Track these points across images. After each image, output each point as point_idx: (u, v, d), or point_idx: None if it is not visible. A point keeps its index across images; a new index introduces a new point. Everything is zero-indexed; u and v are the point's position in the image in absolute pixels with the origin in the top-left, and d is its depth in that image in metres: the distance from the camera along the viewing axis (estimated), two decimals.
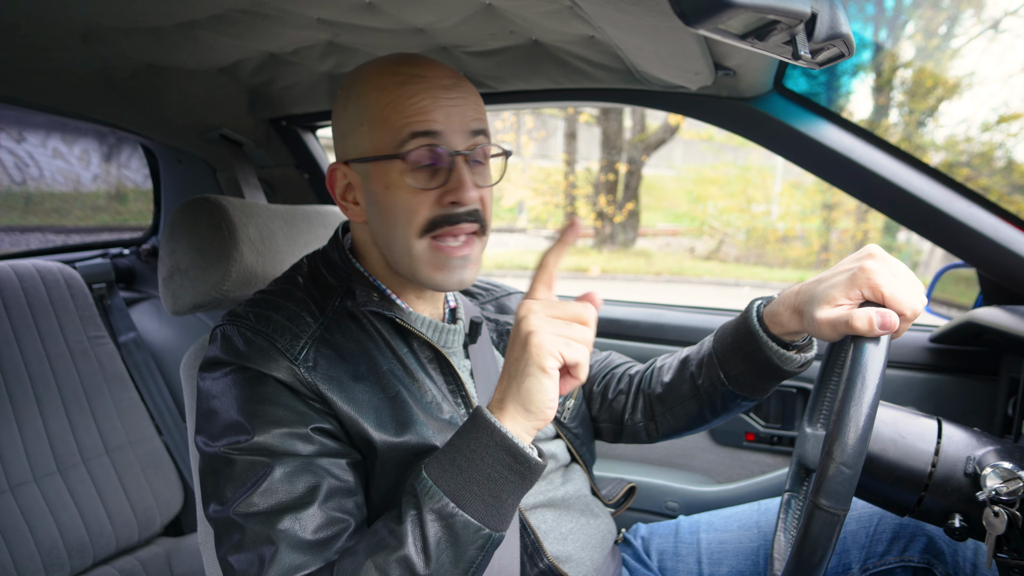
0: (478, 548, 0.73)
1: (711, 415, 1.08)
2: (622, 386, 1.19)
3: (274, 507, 0.76)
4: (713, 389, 1.03)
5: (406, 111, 0.85)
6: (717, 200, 11.84)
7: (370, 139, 0.88)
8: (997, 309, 1.24)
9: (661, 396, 1.12)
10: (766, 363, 0.96)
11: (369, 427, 0.84)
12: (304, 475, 0.79)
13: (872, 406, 0.69)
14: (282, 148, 1.76)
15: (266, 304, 0.89)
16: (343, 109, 0.92)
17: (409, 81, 0.86)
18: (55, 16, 0.99)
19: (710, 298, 8.95)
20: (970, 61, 9.64)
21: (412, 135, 0.85)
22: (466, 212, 0.87)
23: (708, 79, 1.18)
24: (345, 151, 0.93)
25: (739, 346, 0.98)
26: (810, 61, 0.69)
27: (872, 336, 0.74)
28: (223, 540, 0.78)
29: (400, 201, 0.87)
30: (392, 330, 0.93)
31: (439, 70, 0.89)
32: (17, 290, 1.66)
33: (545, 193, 12.91)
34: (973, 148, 8.79)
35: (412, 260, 0.89)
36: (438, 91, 0.86)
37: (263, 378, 0.82)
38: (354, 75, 0.92)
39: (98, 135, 2.52)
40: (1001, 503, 0.72)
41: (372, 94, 0.87)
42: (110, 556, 1.65)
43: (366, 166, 0.89)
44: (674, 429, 1.14)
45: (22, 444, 1.56)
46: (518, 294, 1.27)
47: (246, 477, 0.78)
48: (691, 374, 1.07)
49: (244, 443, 0.79)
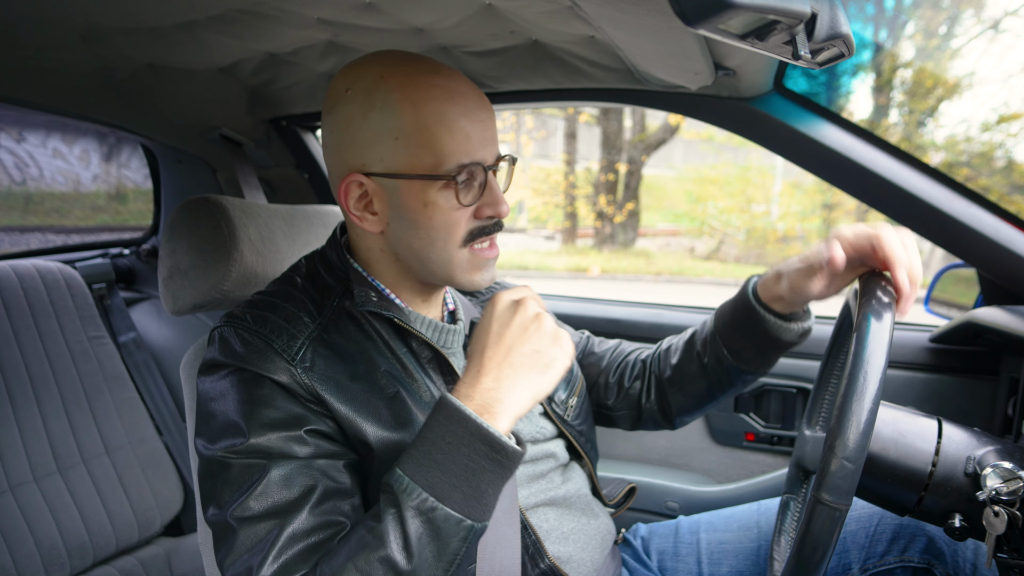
0: (460, 540, 0.73)
1: (719, 391, 1.11)
2: (636, 372, 1.21)
3: (269, 510, 0.76)
4: (719, 366, 1.07)
5: (455, 136, 0.84)
6: (717, 200, 11.85)
7: (405, 155, 0.85)
8: (997, 309, 1.24)
9: (671, 378, 1.15)
10: (765, 335, 1.01)
11: (367, 427, 0.83)
12: (300, 478, 0.78)
13: (874, 401, 0.69)
14: (282, 148, 1.76)
15: (263, 305, 0.89)
16: (361, 117, 0.86)
17: (449, 99, 0.84)
18: (55, 16, 0.99)
19: (710, 298, 8.95)
20: (970, 61, 9.65)
21: (459, 165, 0.85)
22: (496, 223, 0.91)
23: (708, 79, 1.18)
24: (366, 162, 0.88)
25: (738, 322, 1.03)
26: (810, 61, 0.69)
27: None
28: (220, 544, 0.78)
29: (439, 218, 0.87)
30: (391, 330, 0.93)
31: (463, 82, 0.88)
32: (17, 290, 1.66)
33: (545, 193, 12.91)
34: (973, 148, 8.80)
35: (452, 268, 0.91)
36: (473, 112, 0.86)
37: (260, 380, 0.82)
38: (370, 80, 0.86)
39: (98, 135, 2.52)
40: (1001, 503, 0.73)
41: (406, 106, 0.84)
42: (110, 556, 1.65)
43: (396, 181, 0.87)
44: (686, 408, 1.16)
45: (22, 444, 1.56)
46: None
47: (242, 480, 0.78)
48: (697, 353, 1.11)
49: (240, 446, 0.79)
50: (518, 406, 0.77)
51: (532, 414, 1.06)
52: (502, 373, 0.78)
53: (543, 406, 1.08)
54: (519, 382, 0.77)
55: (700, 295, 9.17)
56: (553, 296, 2.00)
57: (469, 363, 0.81)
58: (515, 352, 0.79)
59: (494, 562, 0.87)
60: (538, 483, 1.01)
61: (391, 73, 0.86)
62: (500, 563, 0.88)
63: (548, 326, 0.81)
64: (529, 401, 0.78)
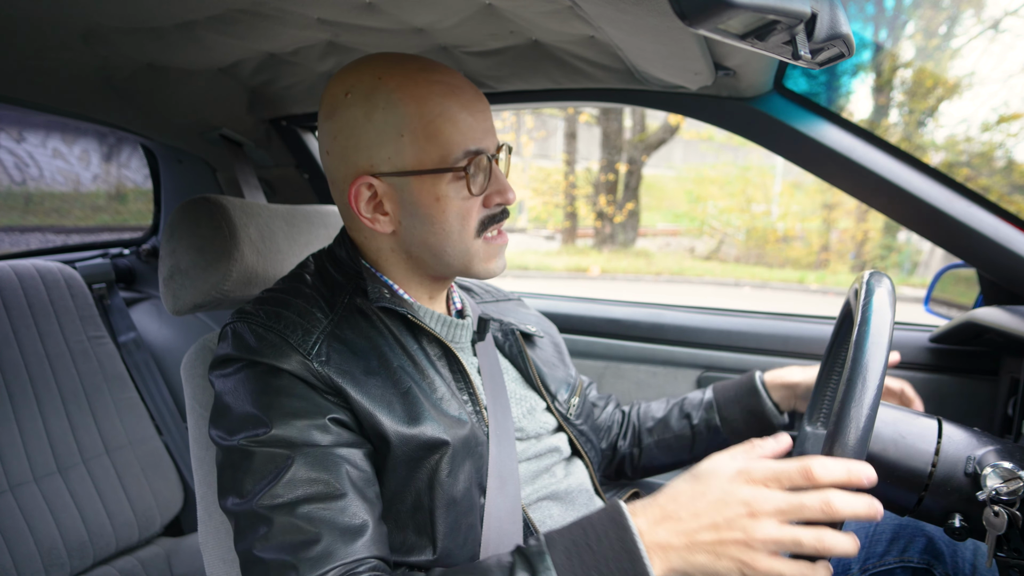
0: None
1: (691, 451, 1.24)
2: (617, 418, 1.32)
3: (300, 498, 0.77)
4: (706, 429, 1.23)
5: (459, 126, 0.87)
6: (717, 200, 11.85)
7: (413, 151, 0.86)
8: (997, 309, 1.24)
9: (651, 428, 1.27)
10: (761, 415, 1.18)
11: (384, 421, 0.84)
12: (325, 465, 0.79)
13: (872, 407, 0.69)
14: (282, 148, 1.76)
15: (276, 301, 0.89)
16: (366, 117, 0.86)
17: (449, 93, 0.87)
18: (55, 16, 0.99)
19: (710, 298, 8.96)
20: (970, 61, 9.65)
21: (466, 153, 0.87)
22: (504, 211, 0.95)
23: (708, 79, 1.18)
24: (374, 163, 0.88)
25: (740, 399, 1.21)
26: (810, 61, 0.69)
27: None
28: (246, 533, 0.78)
29: (453, 210, 0.89)
30: (402, 326, 0.93)
31: (460, 78, 0.91)
32: (17, 290, 1.66)
33: (545, 193, 12.92)
34: (973, 148, 8.80)
35: (469, 259, 0.93)
36: (473, 105, 0.89)
37: (276, 371, 0.83)
38: (369, 82, 0.87)
39: (98, 135, 2.52)
40: (1001, 503, 0.73)
41: (410, 103, 0.85)
42: (110, 556, 1.65)
43: (406, 179, 0.88)
44: (653, 458, 1.28)
45: (22, 444, 1.56)
46: (518, 300, 1.28)
47: (267, 470, 0.78)
48: (686, 414, 1.25)
49: (263, 435, 0.79)
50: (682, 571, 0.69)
51: (536, 410, 1.06)
52: (693, 555, 0.68)
53: (546, 402, 1.08)
54: (703, 566, 0.68)
55: (700, 295, 9.17)
56: (553, 296, 2.00)
57: (667, 500, 0.72)
58: (727, 549, 0.67)
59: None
60: (541, 478, 1.02)
61: (389, 74, 0.87)
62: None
63: (747, 557, 0.66)
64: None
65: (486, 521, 0.89)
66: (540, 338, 1.18)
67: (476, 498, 0.90)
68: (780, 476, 0.68)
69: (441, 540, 0.85)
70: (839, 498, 0.65)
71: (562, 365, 1.17)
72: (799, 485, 0.67)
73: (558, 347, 1.22)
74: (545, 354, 1.16)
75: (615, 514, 0.71)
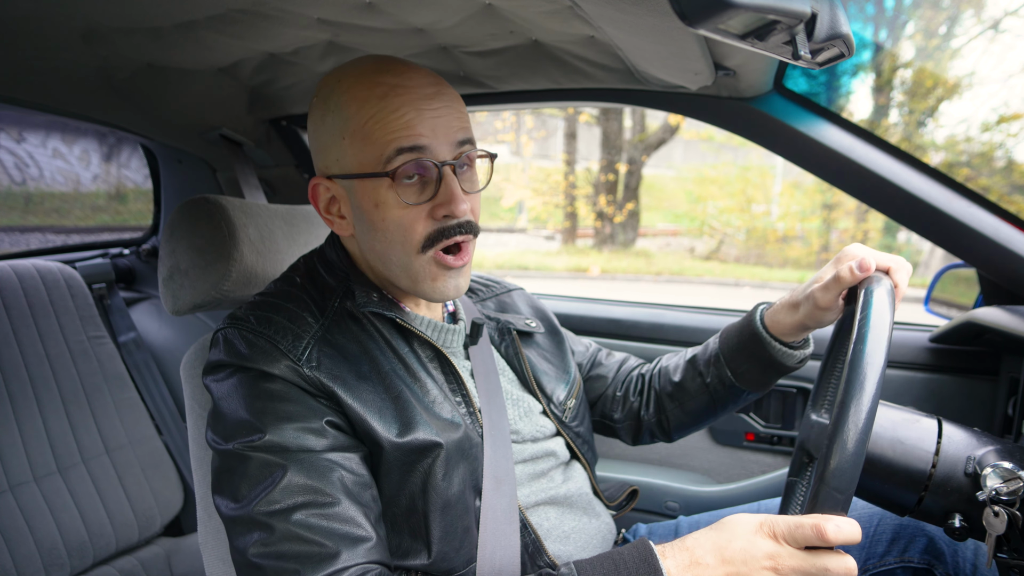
0: None
1: (720, 408, 1.15)
2: (637, 386, 1.24)
3: (297, 504, 0.77)
4: (721, 385, 1.11)
5: (390, 126, 0.83)
6: (717, 200, 11.85)
7: (353, 154, 0.86)
8: (997, 309, 1.24)
9: (672, 394, 1.18)
10: (770, 360, 1.05)
11: (377, 426, 0.84)
12: (320, 470, 0.79)
13: (872, 404, 0.69)
14: (282, 148, 1.76)
15: (266, 306, 0.89)
16: (320, 120, 0.88)
17: (391, 93, 0.84)
18: (55, 16, 0.99)
19: (710, 298, 8.95)
20: (970, 61, 9.65)
21: (398, 151, 0.83)
22: (458, 224, 0.87)
23: (708, 79, 1.18)
24: (326, 165, 0.89)
25: (744, 346, 1.07)
26: (810, 61, 0.69)
27: (856, 282, 0.87)
28: (242, 538, 0.78)
29: (392, 218, 0.86)
30: (392, 330, 0.93)
31: (420, 77, 0.87)
32: (17, 290, 1.66)
33: (545, 193, 12.91)
34: (973, 148, 8.79)
35: (412, 276, 0.89)
36: (421, 102, 0.84)
37: (268, 377, 0.83)
38: (330, 84, 0.88)
39: (98, 135, 2.52)
40: (1001, 503, 0.73)
41: (352, 106, 0.84)
42: (110, 556, 1.65)
43: (351, 182, 0.87)
44: (684, 424, 1.19)
45: (22, 444, 1.56)
46: (519, 291, 1.27)
47: (262, 475, 0.78)
48: (699, 372, 1.14)
49: (258, 441, 0.79)
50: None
51: (532, 412, 1.06)
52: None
53: (543, 405, 1.08)
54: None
55: (700, 295, 9.16)
56: (553, 296, 2.00)
57: (694, 545, 0.74)
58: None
59: (494, 561, 0.87)
60: (539, 482, 1.02)
61: (347, 76, 0.87)
62: (499, 562, 0.88)
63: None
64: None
65: (483, 523, 0.89)
66: (539, 334, 1.18)
67: (471, 500, 0.90)
68: (796, 535, 0.70)
69: (436, 543, 0.85)
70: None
71: (560, 361, 1.17)
72: (812, 544, 0.70)
73: (557, 338, 1.21)
74: (544, 351, 1.16)
75: (646, 553, 0.73)
